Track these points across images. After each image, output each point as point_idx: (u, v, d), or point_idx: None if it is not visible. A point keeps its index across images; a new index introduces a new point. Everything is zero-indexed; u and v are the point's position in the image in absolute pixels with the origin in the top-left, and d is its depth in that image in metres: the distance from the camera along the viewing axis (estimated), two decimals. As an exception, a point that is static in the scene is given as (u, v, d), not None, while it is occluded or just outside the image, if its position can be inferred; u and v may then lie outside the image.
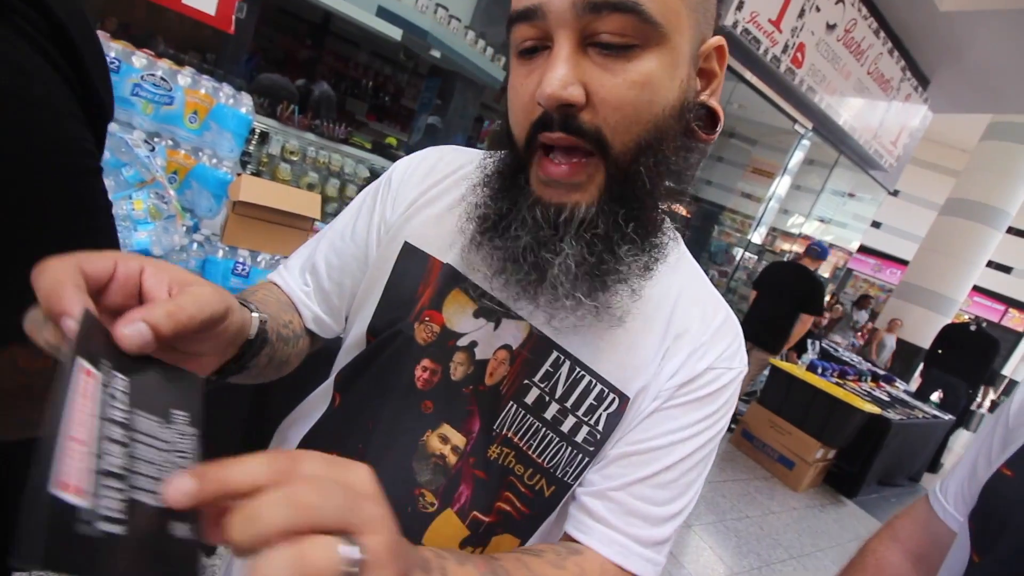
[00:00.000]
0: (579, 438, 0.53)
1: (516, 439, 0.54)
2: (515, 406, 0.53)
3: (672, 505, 0.52)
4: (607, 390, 0.52)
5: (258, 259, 1.58)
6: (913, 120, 6.22)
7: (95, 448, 0.25)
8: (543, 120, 0.43)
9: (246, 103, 1.74)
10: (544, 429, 0.53)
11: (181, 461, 0.30)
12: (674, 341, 0.53)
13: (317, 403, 0.63)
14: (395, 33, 3.35)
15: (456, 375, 0.55)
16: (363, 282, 0.60)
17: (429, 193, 0.59)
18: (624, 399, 0.52)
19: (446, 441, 0.54)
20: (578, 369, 0.52)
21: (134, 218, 1.34)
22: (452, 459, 0.54)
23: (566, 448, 0.53)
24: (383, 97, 6.81)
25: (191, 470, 0.26)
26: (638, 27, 0.41)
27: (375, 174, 3.22)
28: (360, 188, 3.14)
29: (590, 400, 0.52)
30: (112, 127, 1.46)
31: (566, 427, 0.53)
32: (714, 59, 0.49)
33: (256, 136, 2.63)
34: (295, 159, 2.69)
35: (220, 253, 1.54)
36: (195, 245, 1.51)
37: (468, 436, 0.54)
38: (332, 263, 0.62)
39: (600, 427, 0.53)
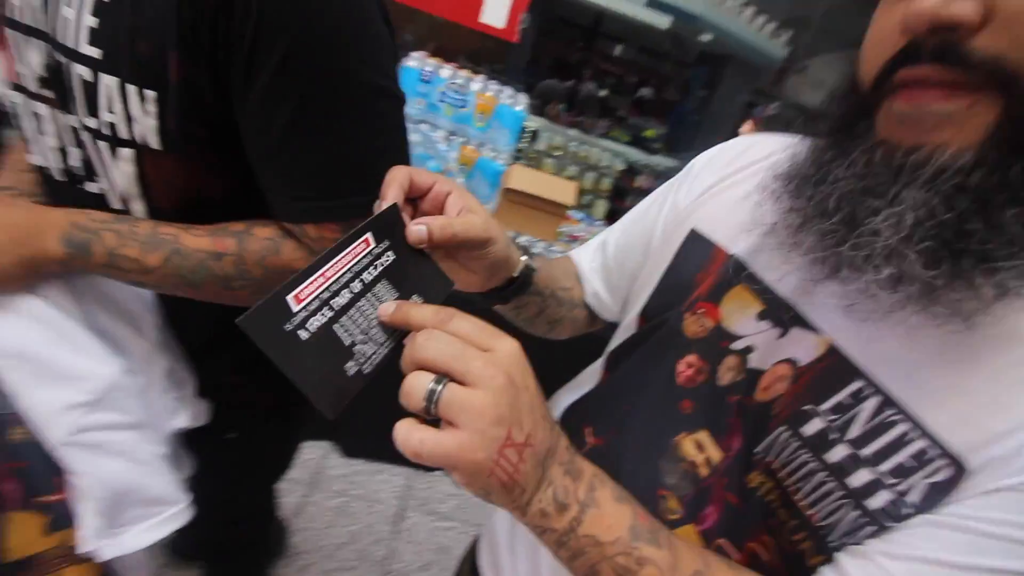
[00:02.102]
0: (874, 504, 0.37)
1: (781, 473, 0.42)
2: (787, 433, 0.42)
3: None
4: (934, 450, 0.35)
5: (519, 240, 1.77)
6: None
7: (332, 286, 0.35)
8: (906, 52, 0.32)
9: (522, 102, 1.95)
10: (822, 473, 0.40)
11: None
12: None
13: (589, 377, 0.63)
14: (663, 22, 3.30)
15: (723, 380, 0.47)
16: (645, 266, 0.58)
17: (729, 180, 0.53)
18: (960, 470, 0.35)
19: (702, 449, 0.47)
20: (890, 411, 0.37)
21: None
22: (704, 471, 0.47)
23: (851, 510, 0.38)
24: (646, 92, 6.79)
25: (396, 301, 0.38)
26: None
27: (631, 167, 3.25)
28: (615, 180, 3.21)
29: (902, 457, 0.37)
30: (423, 127, 1.82)
31: (856, 481, 0.38)
32: None
33: (528, 134, 2.92)
34: (559, 154, 2.91)
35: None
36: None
37: (726, 452, 0.46)
38: (620, 243, 0.64)
39: (914, 498, 0.36)
